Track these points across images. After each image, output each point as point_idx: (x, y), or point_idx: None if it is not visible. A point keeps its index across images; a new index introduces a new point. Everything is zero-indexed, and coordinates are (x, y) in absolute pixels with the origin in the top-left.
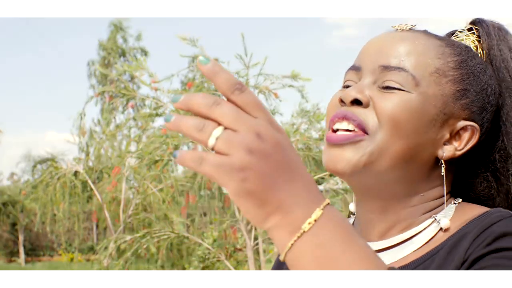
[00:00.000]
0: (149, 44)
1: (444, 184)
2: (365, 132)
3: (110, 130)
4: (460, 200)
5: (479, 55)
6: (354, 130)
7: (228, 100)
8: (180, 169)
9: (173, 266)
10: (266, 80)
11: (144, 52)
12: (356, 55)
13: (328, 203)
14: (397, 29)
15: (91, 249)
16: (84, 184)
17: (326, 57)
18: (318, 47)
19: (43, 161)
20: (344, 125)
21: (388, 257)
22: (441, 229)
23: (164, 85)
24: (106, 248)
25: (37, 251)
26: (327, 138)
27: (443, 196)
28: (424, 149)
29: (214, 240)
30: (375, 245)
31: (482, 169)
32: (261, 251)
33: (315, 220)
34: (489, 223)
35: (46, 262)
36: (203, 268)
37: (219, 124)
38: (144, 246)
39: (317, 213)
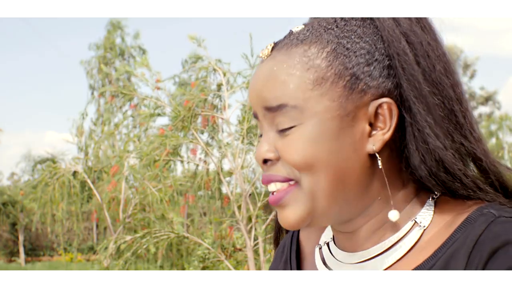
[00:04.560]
0: (146, 43)
1: (386, 181)
2: (293, 180)
3: (109, 129)
4: (437, 195)
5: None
6: (283, 187)
7: None
8: (179, 169)
9: (172, 266)
10: None
11: (142, 51)
12: None
13: None
14: (261, 58)
15: (91, 249)
16: (83, 184)
17: None
18: None
19: (43, 161)
20: (273, 187)
21: (371, 267)
22: (423, 233)
23: (165, 85)
24: (106, 248)
25: (37, 251)
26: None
27: (404, 190)
28: (349, 161)
29: (214, 241)
30: (357, 256)
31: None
32: (261, 251)
33: None
34: (476, 236)
35: (46, 262)
36: (202, 268)
37: None
38: (144, 246)
39: None
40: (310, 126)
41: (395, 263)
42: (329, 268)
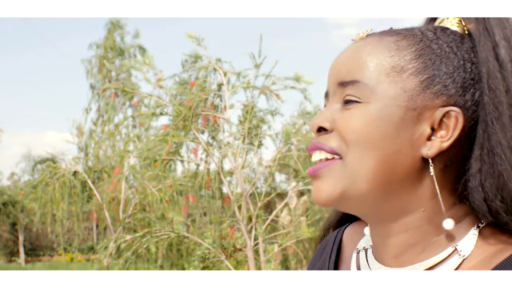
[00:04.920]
0: (146, 42)
1: (437, 187)
2: (338, 155)
3: (109, 129)
4: (483, 223)
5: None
6: (327, 158)
7: None
8: (180, 169)
9: (172, 266)
10: (267, 79)
11: (143, 50)
12: None
13: None
14: (353, 41)
15: (91, 249)
16: (84, 184)
17: (326, 57)
18: (318, 47)
19: (43, 161)
20: (317, 155)
21: None
22: (463, 261)
23: (166, 84)
24: (106, 248)
25: (37, 251)
26: (308, 173)
27: (451, 211)
28: (401, 154)
29: (214, 241)
30: (392, 273)
31: (477, 163)
32: (261, 251)
33: None
34: None
35: (46, 262)
36: (203, 268)
37: None
38: (144, 246)
39: None
40: (374, 106)
41: None
42: None
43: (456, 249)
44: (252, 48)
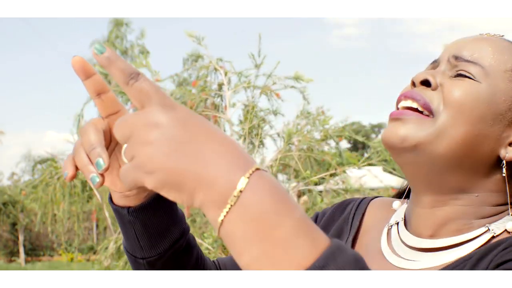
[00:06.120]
0: (147, 42)
1: (507, 189)
2: (429, 112)
3: None
4: None
5: None
6: (418, 110)
7: (124, 90)
8: None
9: None
10: (268, 79)
11: (146, 51)
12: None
13: (257, 168)
14: (484, 35)
15: (91, 249)
16: (84, 184)
17: (326, 57)
18: (318, 46)
19: (43, 161)
20: (408, 103)
21: (434, 259)
22: (492, 238)
23: (165, 84)
24: (106, 249)
25: (37, 251)
26: (390, 114)
27: (502, 204)
28: (486, 141)
29: (215, 241)
30: (424, 243)
31: None
32: None
33: (240, 191)
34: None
35: (46, 262)
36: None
37: None
38: None
39: (243, 182)
40: (485, 88)
41: (453, 262)
42: (392, 249)
43: (488, 229)
44: (251, 48)
